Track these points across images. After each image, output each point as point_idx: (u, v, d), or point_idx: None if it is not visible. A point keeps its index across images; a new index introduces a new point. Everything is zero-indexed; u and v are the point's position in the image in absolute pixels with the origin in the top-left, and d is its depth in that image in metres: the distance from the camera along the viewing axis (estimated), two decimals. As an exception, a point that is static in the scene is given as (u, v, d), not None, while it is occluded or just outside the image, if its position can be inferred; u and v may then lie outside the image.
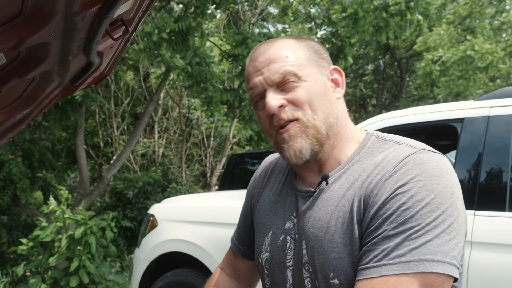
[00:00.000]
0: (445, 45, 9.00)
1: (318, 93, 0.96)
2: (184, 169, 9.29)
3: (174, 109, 9.95)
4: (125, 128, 9.20)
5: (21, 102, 1.55)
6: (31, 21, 0.90)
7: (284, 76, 0.94)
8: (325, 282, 0.90)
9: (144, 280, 3.42)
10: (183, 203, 3.75)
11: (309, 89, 0.95)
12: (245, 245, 1.20)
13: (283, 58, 0.95)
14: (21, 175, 6.33)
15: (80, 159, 6.68)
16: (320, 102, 0.95)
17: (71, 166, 9.82)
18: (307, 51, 1.00)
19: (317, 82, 0.97)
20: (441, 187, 0.84)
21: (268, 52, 0.98)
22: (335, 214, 0.91)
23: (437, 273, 0.79)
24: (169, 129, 9.95)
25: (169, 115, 9.99)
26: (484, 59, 8.61)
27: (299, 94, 0.94)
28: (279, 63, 0.95)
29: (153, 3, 1.16)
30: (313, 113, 0.94)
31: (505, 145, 2.23)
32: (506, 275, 2.04)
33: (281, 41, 1.01)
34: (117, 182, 7.53)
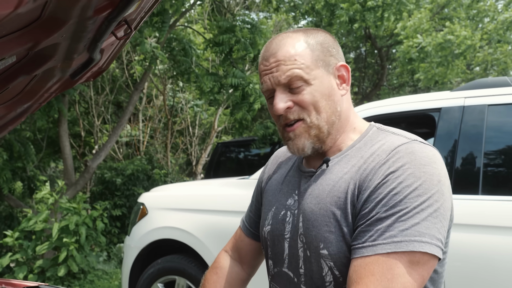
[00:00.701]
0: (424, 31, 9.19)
1: (323, 95, 1.03)
2: (169, 157, 9.33)
3: (158, 98, 9.94)
4: (108, 117, 9.16)
5: (22, 96, 1.60)
6: (47, 25, 0.97)
7: (291, 78, 1.01)
8: (315, 252, 1.01)
9: (135, 267, 3.47)
10: (173, 192, 3.80)
11: (315, 92, 1.02)
12: (254, 227, 1.30)
13: (292, 60, 1.01)
14: (3, 166, 6.29)
15: (64, 149, 6.65)
16: (324, 103, 1.03)
17: (52, 156, 9.75)
18: (315, 50, 1.04)
19: (322, 84, 1.03)
20: (428, 174, 0.93)
21: (278, 53, 1.03)
22: (331, 193, 1.01)
23: (424, 252, 0.88)
24: (154, 118, 9.95)
25: (153, 104, 9.98)
26: (461, 44, 8.83)
27: (305, 97, 1.02)
28: (288, 65, 1.01)
29: (155, 5, 1.23)
30: (317, 114, 1.03)
31: (478, 132, 2.36)
32: (479, 254, 2.18)
33: (291, 39, 1.05)
34: (103, 171, 7.55)
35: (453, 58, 9.09)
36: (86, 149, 9.51)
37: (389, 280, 0.87)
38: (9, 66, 1.23)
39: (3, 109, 1.60)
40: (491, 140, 2.36)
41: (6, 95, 1.50)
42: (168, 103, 9.56)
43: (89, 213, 5.14)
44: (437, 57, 9.13)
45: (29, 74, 1.32)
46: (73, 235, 4.86)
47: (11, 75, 1.27)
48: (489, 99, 2.39)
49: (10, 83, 1.32)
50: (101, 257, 6.07)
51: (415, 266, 0.88)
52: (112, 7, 1.00)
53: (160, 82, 9.19)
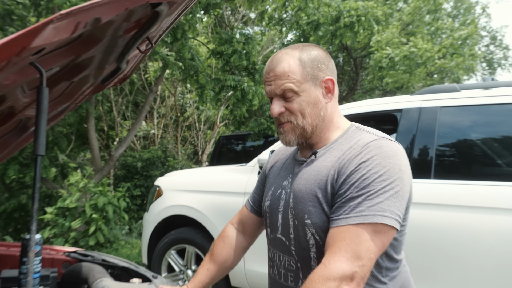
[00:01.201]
0: (392, 45, 9.25)
1: (309, 104, 1.09)
2: (179, 148, 9.35)
3: (170, 98, 9.92)
4: (128, 115, 9.15)
5: (62, 98, 1.63)
6: (87, 42, 1.02)
7: (284, 91, 1.08)
8: (301, 222, 1.07)
9: (152, 237, 3.52)
10: (183, 176, 3.83)
11: (302, 102, 1.08)
12: (257, 205, 1.36)
13: (286, 76, 1.07)
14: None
15: (92, 141, 6.67)
16: (310, 110, 1.09)
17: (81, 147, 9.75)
18: (306, 66, 1.09)
19: (310, 95, 1.09)
20: (392, 164, 0.98)
21: (276, 69, 1.09)
22: (316, 176, 1.08)
23: (385, 224, 0.94)
24: (166, 115, 9.94)
25: (165, 103, 9.97)
26: (423, 56, 8.90)
27: (294, 106, 1.09)
28: (282, 80, 1.08)
29: (172, 24, 1.28)
30: (303, 119, 1.09)
31: (431, 129, 2.42)
32: (431, 226, 2.25)
33: (288, 57, 1.10)
34: (126, 158, 7.61)
35: (415, 67, 9.17)
36: (109, 141, 9.51)
37: (357, 244, 0.93)
38: (54, 74, 1.27)
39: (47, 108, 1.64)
40: (442, 135, 2.42)
41: (49, 97, 1.54)
42: (178, 103, 9.55)
43: (113, 194, 5.18)
44: (403, 66, 9.21)
45: (69, 80, 1.36)
46: (100, 212, 4.91)
47: (55, 81, 1.31)
48: (441, 102, 2.45)
49: (54, 88, 1.36)
50: (124, 230, 6.12)
51: (377, 234, 0.95)
52: (138, 28, 1.04)
53: (171, 85, 9.18)
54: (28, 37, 0.51)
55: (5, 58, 0.51)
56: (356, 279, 0.91)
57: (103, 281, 1.48)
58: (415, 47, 8.91)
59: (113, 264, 1.72)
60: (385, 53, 9.16)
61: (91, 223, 4.85)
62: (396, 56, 9.01)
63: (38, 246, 1.44)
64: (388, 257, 1.08)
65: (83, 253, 1.81)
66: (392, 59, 9.15)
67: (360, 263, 0.92)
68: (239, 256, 1.35)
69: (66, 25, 0.56)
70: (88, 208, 4.68)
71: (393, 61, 9.15)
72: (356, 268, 0.91)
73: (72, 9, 0.53)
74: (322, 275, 0.91)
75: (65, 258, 1.77)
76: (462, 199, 2.21)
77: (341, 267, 0.91)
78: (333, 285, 0.89)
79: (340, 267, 0.91)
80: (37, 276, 1.42)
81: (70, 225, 4.84)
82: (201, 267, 1.33)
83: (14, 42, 0.50)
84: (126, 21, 0.92)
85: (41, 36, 0.52)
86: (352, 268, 0.91)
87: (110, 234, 5.01)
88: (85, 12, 0.57)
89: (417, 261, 2.26)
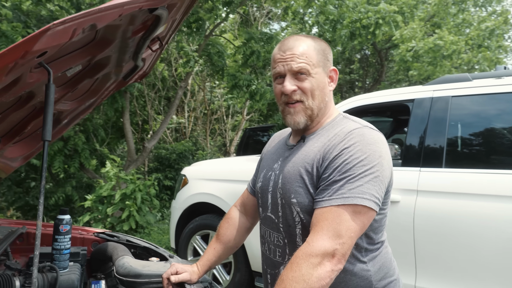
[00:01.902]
0: (417, 37, 8.95)
1: (319, 87, 1.13)
2: (208, 140, 9.55)
3: (199, 93, 10.12)
4: (161, 109, 9.43)
5: (89, 93, 1.75)
6: (100, 44, 1.11)
7: (301, 69, 1.10)
8: (288, 201, 1.12)
9: (179, 223, 3.65)
10: (207, 166, 3.94)
11: (314, 83, 1.12)
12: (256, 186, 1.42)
13: (304, 56, 1.11)
14: (83, 147, 6.64)
15: (127, 133, 6.94)
16: (318, 93, 1.13)
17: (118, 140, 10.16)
18: (319, 53, 1.14)
19: (320, 79, 1.13)
20: (372, 151, 1.02)
21: (295, 49, 1.11)
22: (303, 160, 1.12)
23: (364, 205, 0.99)
24: (196, 109, 10.15)
25: (195, 98, 10.17)
26: (448, 48, 8.56)
27: (307, 85, 1.11)
28: (301, 59, 1.10)
29: (179, 25, 1.35)
30: (313, 100, 1.13)
31: (443, 118, 2.38)
32: (440, 214, 2.23)
33: (304, 41, 1.13)
34: (159, 150, 7.87)
35: (441, 59, 8.84)
36: (144, 134, 9.84)
37: (338, 223, 0.98)
38: (77, 73, 1.38)
39: (76, 103, 1.77)
40: (453, 124, 2.37)
41: (77, 93, 1.66)
42: (207, 97, 9.73)
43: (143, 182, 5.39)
44: (428, 58, 8.90)
45: (92, 77, 1.47)
46: (132, 200, 5.13)
47: (78, 79, 1.42)
48: (452, 92, 2.40)
49: (79, 85, 1.47)
50: (157, 216, 6.35)
51: (357, 215, 0.99)
52: (145, 29, 1.12)
53: (201, 80, 9.35)
54: (29, 43, 0.59)
55: (12, 61, 0.60)
56: (337, 256, 0.95)
57: (124, 258, 1.59)
58: (441, 39, 8.58)
59: (135, 244, 1.84)
60: (409, 46, 8.89)
61: (124, 210, 5.08)
62: (421, 49, 8.72)
63: (68, 226, 1.57)
64: (368, 238, 1.11)
65: (110, 234, 1.94)
66: (416, 51, 8.86)
67: (341, 241, 0.96)
68: (242, 236, 1.41)
69: (63, 31, 0.63)
70: (118, 195, 4.91)
71: (417, 53, 8.87)
72: (337, 246, 0.96)
73: (65, 19, 0.61)
74: (305, 251, 0.96)
75: (94, 238, 1.91)
76: (473, 188, 2.17)
77: (323, 244, 0.95)
78: (315, 261, 0.94)
79: (322, 244, 0.95)
80: (67, 252, 1.55)
81: (107, 211, 5.09)
82: (209, 247, 1.41)
83: (18, 48, 0.59)
84: (131, 24, 1.00)
85: (40, 41, 0.60)
86: (333, 246, 0.95)
87: (143, 220, 5.23)
88: (79, 20, 0.64)
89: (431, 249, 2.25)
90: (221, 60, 6.58)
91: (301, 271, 0.94)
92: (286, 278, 0.95)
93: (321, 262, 0.94)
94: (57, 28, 0.60)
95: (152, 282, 1.45)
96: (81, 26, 0.67)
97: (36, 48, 0.61)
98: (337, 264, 0.96)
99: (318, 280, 0.93)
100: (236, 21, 9.71)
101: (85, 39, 1.04)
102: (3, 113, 1.21)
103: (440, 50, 8.64)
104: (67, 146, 6.52)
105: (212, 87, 10.01)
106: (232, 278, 3.24)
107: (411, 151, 2.46)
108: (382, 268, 1.14)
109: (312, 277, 0.93)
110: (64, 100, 1.62)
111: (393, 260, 1.21)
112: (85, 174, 7.20)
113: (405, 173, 2.44)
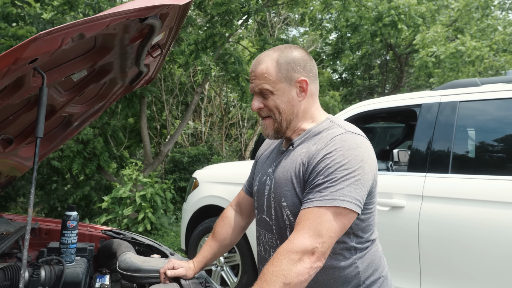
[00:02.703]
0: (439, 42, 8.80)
1: (283, 102, 1.17)
2: (224, 145, 9.66)
3: (216, 98, 10.27)
4: (178, 114, 9.62)
5: (97, 98, 1.85)
6: (100, 51, 1.19)
7: (261, 90, 1.18)
8: (279, 204, 1.18)
9: (189, 225, 3.71)
10: (218, 169, 3.99)
11: (277, 100, 1.17)
12: (251, 187, 1.47)
13: (263, 77, 1.16)
14: (102, 150, 6.86)
15: (144, 138, 7.14)
16: (284, 107, 1.18)
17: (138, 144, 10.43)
18: (282, 68, 1.16)
19: (284, 94, 1.17)
20: (354, 156, 1.06)
21: (256, 69, 1.18)
22: (291, 165, 1.17)
23: (345, 207, 1.02)
24: (212, 114, 10.31)
25: (212, 103, 10.33)
26: (471, 54, 8.38)
27: (271, 103, 1.18)
28: (260, 80, 1.17)
29: (177, 34, 1.43)
30: (279, 115, 1.19)
31: (450, 123, 2.36)
32: (449, 221, 2.21)
33: (267, 58, 1.18)
34: (174, 154, 8.04)
35: (463, 64, 8.65)
36: (161, 139, 10.06)
37: (318, 223, 1.01)
38: (83, 78, 1.48)
39: (85, 106, 1.87)
40: (460, 129, 2.35)
41: (85, 97, 1.76)
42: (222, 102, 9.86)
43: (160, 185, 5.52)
44: (449, 64, 8.74)
45: (98, 82, 1.56)
46: (149, 202, 5.26)
47: (85, 83, 1.52)
48: (460, 97, 2.38)
49: (85, 89, 1.56)
50: (171, 219, 6.47)
51: (338, 216, 1.02)
52: (142, 37, 1.20)
53: (217, 86, 9.49)
54: (19, 50, 0.67)
55: (5, 66, 0.68)
56: (317, 253, 0.99)
57: (127, 254, 1.67)
58: (463, 45, 8.41)
59: (139, 242, 1.92)
60: (430, 51, 8.76)
61: (140, 211, 5.22)
62: (442, 54, 8.57)
63: (74, 222, 1.66)
64: (357, 237, 1.15)
65: (116, 231, 2.03)
66: (437, 57, 8.72)
67: (321, 240, 1.00)
68: (237, 234, 1.46)
69: (51, 40, 0.71)
70: (138, 198, 5.05)
71: (439, 58, 8.72)
72: (317, 244, 0.99)
73: (52, 29, 0.68)
74: (286, 248, 1.00)
75: (102, 235, 2.00)
76: (480, 194, 2.15)
77: (303, 242, 1.00)
78: (295, 257, 0.98)
79: (303, 242, 1.00)
80: (74, 247, 1.64)
81: (123, 212, 5.24)
82: (205, 245, 1.46)
83: (9, 54, 0.66)
84: (126, 33, 1.08)
85: (29, 49, 0.67)
86: (313, 244, 0.99)
87: (158, 222, 5.35)
88: (66, 30, 0.71)
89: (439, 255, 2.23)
90: (237, 67, 6.69)
91: (281, 266, 0.98)
92: (267, 272, 0.99)
93: (301, 258, 0.98)
94: (45, 37, 0.68)
95: (150, 276, 1.52)
96: (68, 35, 0.74)
97: (25, 55, 0.68)
98: (317, 261, 0.99)
99: (296, 276, 0.97)
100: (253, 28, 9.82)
101: (86, 47, 1.13)
102: (14, 114, 1.31)
103: (462, 56, 8.47)
104: (86, 149, 6.76)
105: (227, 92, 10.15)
106: (239, 280, 3.29)
107: (417, 156, 2.46)
108: (371, 265, 1.17)
109: (291, 272, 0.97)
110: (73, 104, 1.72)
111: (382, 258, 1.23)
112: (104, 176, 7.43)
113: (410, 178, 2.43)
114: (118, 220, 5.65)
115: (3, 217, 2.04)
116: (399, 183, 2.46)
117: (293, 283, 0.96)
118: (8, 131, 1.50)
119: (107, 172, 7.19)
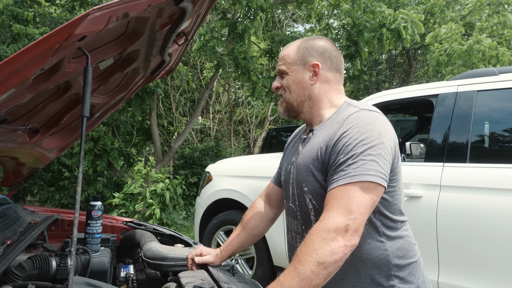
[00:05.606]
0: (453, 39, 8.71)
1: (295, 83, 1.26)
2: (232, 141, 9.68)
3: (224, 95, 10.29)
4: (186, 110, 9.66)
5: (120, 88, 1.86)
6: (131, 37, 1.21)
7: (279, 70, 1.29)
8: (301, 190, 1.20)
9: (203, 219, 3.75)
10: (231, 163, 4.00)
11: (290, 80, 1.26)
12: (280, 178, 1.48)
13: (283, 60, 1.28)
14: (111, 146, 6.91)
15: (154, 134, 7.17)
16: (294, 88, 1.26)
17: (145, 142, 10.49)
18: (299, 52, 1.26)
19: (296, 75, 1.26)
20: (371, 131, 1.07)
21: (281, 54, 1.31)
22: (311, 151, 1.19)
23: (370, 181, 1.03)
24: (221, 110, 10.33)
25: (220, 100, 10.35)
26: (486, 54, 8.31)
27: (284, 82, 1.28)
28: (280, 62, 1.29)
29: (203, 21, 1.44)
30: (290, 94, 1.27)
31: (468, 114, 2.36)
32: (467, 209, 2.21)
33: (292, 45, 1.29)
34: (183, 149, 8.11)
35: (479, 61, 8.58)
36: (169, 136, 10.11)
37: (347, 200, 1.02)
38: (109, 66, 1.49)
39: (107, 97, 1.88)
40: (478, 119, 2.34)
41: (108, 86, 1.77)
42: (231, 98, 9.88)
43: (171, 181, 5.55)
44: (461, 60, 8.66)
45: (122, 71, 1.57)
46: (159, 198, 5.29)
47: (110, 72, 1.53)
48: (478, 86, 2.37)
49: (110, 78, 1.58)
50: (182, 215, 6.51)
51: (366, 191, 1.03)
52: (171, 23, 1.21)
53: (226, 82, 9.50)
54: (72, 26, 0.68)
55: (58, 42, 0.69)
56: (350, 231, 1.00)
57: (152, 243, 1.69)
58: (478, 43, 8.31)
59: (161, 232, 1.94)
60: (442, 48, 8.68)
61: (149, 207, 5.25)
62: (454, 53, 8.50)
63: (99, 211, 1.68)
64: (383, 217, 1.15)
65: (138, 222, 2.05)
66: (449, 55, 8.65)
67: (352, 216, 1.00)
68: (266, 225, 1.48)
69: (101, 17, 0.72)
70: (148, 193, 5.08)
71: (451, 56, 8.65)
72: (349, 221, 1.00)
73: (102, 5, 0.70)
74: (318, 228, 1.01)
75: (123, 226, 2.03)
76: (498, 183, 2.14)
77: (334, 220, 1.00)
78: (328, 236, 0.99)
79: (334, 220, 1.00)
80: (99, 236, 1.66)
81: (134, 208, 5.27)
82: (233, 234, 1.48)
83: (63, 30, 0.67)
84: (159, 17, 1.09)
85: (81, 25, 0.68)
86: (345, 221, 1.00)
87: (168, 217, 5.38)
88: (114, 8, 0.73)
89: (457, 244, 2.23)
90: (247, 62, 6.70)
91: (314, 245, 0.99)
92: (300, 253, 1.00)
93: (335, 237, 0.98)
94: (96, 13, 0.69)
95: (177, 265, 1.53)
96: (115, 13, 0.76)
97: (78, 32, 0.70)
98: (351, 239, 0.99)
99: (331, 254, 0.97)
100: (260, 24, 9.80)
101: (117, 32, 1.14)
102: (43, 102, 1.33)
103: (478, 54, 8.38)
104: (97, 146, 6.81)
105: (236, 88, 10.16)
106: (254, 272, 3.30)
107: (434, 146, 2.45)
108: (401, 249, 1.16)
109: (325, 251, 0.97)
110: (97, 94, 1.73)
111: (413, 243, 1.23)
112: (114, 173, 7.48)
113: (428, 168, 2.43)
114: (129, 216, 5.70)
115: (27, 209, 2.07)
116: (416, 173, 2.46)
117: (327, 262, 0.97)
118: (35, 120, 1.52)
119: (117, 169, 7.23)
